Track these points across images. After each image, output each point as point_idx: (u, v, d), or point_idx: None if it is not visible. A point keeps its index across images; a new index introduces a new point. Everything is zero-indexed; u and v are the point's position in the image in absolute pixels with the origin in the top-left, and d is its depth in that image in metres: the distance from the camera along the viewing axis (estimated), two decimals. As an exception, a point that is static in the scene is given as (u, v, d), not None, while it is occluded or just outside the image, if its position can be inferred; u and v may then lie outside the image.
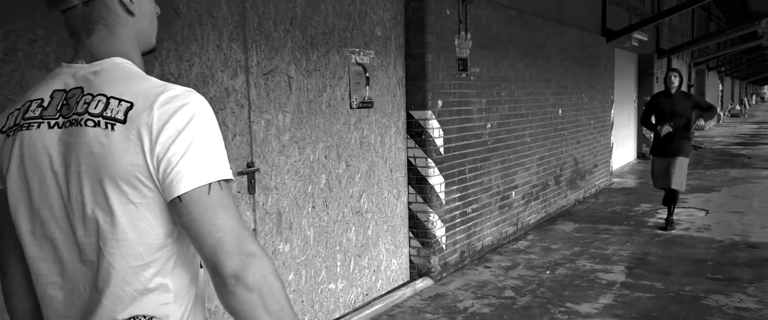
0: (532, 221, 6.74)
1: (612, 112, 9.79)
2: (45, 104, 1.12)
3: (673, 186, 6.21)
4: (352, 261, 4.29)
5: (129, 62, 1.13)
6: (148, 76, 1.12)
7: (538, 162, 6.85)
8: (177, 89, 1.07)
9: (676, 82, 6.27)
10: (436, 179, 4.82)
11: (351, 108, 4.18)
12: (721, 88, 30.24)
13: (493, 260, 5.49)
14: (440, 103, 4.83)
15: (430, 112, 4.72)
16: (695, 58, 17.67)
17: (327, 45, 3.95)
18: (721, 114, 13.53)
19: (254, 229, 3.45)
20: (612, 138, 9.88)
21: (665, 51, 13.42)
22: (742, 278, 4.74)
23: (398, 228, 4.80)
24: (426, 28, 4.65)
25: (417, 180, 4.83)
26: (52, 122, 1.09)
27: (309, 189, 3.85)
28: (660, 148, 6.33)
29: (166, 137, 1.02)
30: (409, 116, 4.80)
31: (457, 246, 5.22)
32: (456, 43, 5.02)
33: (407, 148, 4.84)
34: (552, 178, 7.28)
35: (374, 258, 4.52)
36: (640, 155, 13.25)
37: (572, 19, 7.79)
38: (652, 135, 6.36)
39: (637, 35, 10.82)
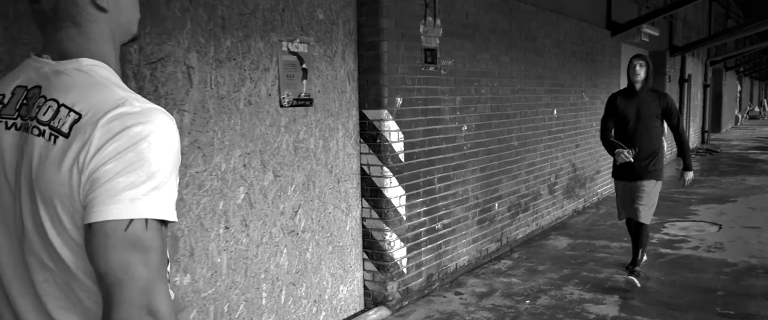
0: (520, 236, 5.97)
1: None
2: (5, 101, 1.03)
3: (640, 219, 4.57)
4: (284, 291, 3.56)
5: (99, 65, 1.01)
6: (115, 84, 0.99)
7: (528, 170, 6.07)
8: (137, 105, 0.93)
9: (642, 73, 4.47)
10: (394, 191, 4.07)
11: (281, 106, 3.45)
12: (739, 88, 29.12)
13: (467, 284, 4.73)
14: (399, 100, 4.08)
15: (385, 111, 3.97)
16: (712, 56, 16.70)
17: (246, 29, 3.22)
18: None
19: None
20: (617, 141, 9.04)
21: (679, 48, 12.54)
22: (758, 314, 3.94)
23: (348, 249, 4.06)
24: (381, 11, 3.91)
25: (371, 193, 4.08)
26: (10, 122, 1.00)
27: (219, 206, 3.12)
28: (621, 169, 4.65)
29: (103, 156, 0.89)
30: (362, 116, 4.05)
31: (423, 268, 4.47)
32: (421, 30, 4.27)
33: (360, 153, 4.10)
34: (545, 187, 6.49)
35: (315, 285, 3.79)
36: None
37: (571, 9, 6.99)
38: (626, 155, 4.47)
39: (647, 30, 9.98)
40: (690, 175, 4.66)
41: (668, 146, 12.33)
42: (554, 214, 6.78)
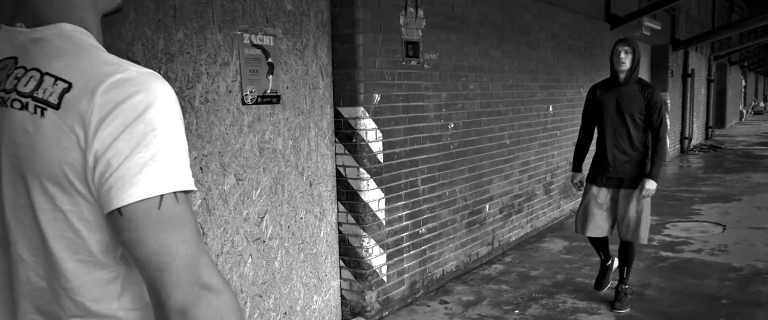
0: (513, 239, 5.68)
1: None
2: None
3: (638, 240, 3.90)
4: (249, 304, 3.29)
5: (81, 30, 0.91)
6: (101, 51, 0.90)
7: (522, 169, 5.78)
8: (133, 70, 0.85)
9: (627, 61, 3.78)
10: (371, 194, 3.80)
11: (244, 104, 3.17)
12: (743, 83, 28.72)
13: (454, 292, 4.45)
14: (377, 97, 3.80)
15: (361, 108, 3.69)
16: (715, 50, 16.35)
17: (202, 19, 2.95)
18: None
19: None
20: (617, 138, 8.73)
21: (681, 42, 12.21)
22: (766, 325, 3.66)
23: (323, 257, 3.79)
24: (356, 1, 3.62)
25: (348, 196, 3.81)
26: None
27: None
28: (601, 172, 3.96)
29: (109, 132, 0.81)
30: (337, 114, 3.78)
31: (405, 276, 4.19)
32: (402, 21, 3.99)
33: (335, 154, 3.82)
34: (541, 187, 6.21)
35: (285, 296, 3.51)
36: (653, 156, 12.05)
37: (568, 0, 6.69)
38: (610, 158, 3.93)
39: (648, 23, 9.68)
40: (652, 186, 3.76)
41: (671, 143, 12.01)
42: (550, 215, 6.49)
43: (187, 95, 2.89)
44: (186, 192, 0.87)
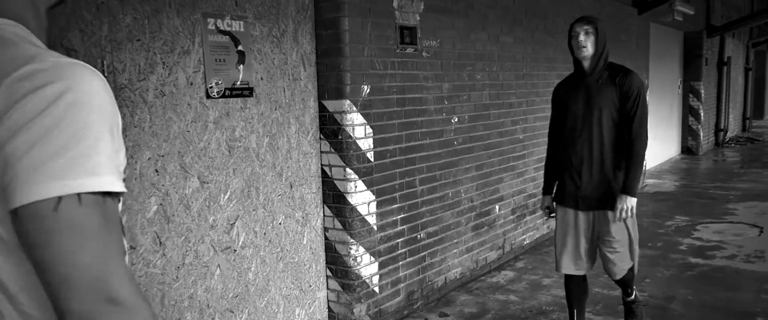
0: (527, 241, 5.26)
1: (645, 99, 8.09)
2: None
3: (615, 276, 3.16)
4: (217, 320, 2.96)
5: (11, 23, 0.85)
6: (28, 42, 0.82)
7: (539, 165, 5.34)
8: (51, 61, 0.77)
9: (588, 43, 2.92)
10: (360, 196, 3.43)
11: (208, 97, 2.82)
12: (784, 72, 27.42)
13: (456, 302, 4.06)
14: (366, 88, 3.41)
15: (348, 101, 3.32)
16: (754, 37, 15.47)
17: (156, 2, 2.60)
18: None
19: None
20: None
21: (717, 28, 11.50)
22: (810, 350, 3.19)
23: (306, 266, 3.44)
24: (341, -19, 3.24)
25: (334, 198, 3.45)
26: None
27: (122, 222, 2.51)
28: (572, 188, 3.07)
29: (11, 124, 0.74)
30: (322, 108, 3.41)
31: (401, 286, 3.81)
32: (396, 4, 3.59)
33: (320, 152, 3.46)
34: (558, 184, 5.74)
35: (260, 310, 3.18)
36: (685, 149, 11.42)
37: (590, -17, 6.19)
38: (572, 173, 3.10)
39: (680, 7, 9.05)
40: (629, 203, 2.91)
41: (678, 141, 11.30)
42: (569, 215, 6.02)
43: (138, 88, 2.55)
44: (100, 194, 0.76)
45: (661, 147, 10.17)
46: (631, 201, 2.92)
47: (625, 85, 2.92)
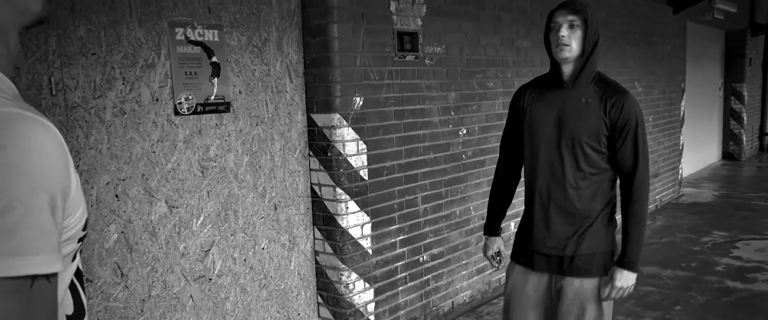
0: (547, 259, 4.88)
1: (682, 104, 7.60)
2: None
3: None
4: (190, 356, 2.72)
5: None
6: None
7: (560, 177, 4.95)
8: None
9: (573, 40, 2.02)
10: (352, 218, 3.14)
11: (177, 114, 2.58)
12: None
13: (463, 330, 3.74)
14: (359, 100, 3.13)
15: (337, 115, 3.04)
16: (804, 34, 14.58)
17: (114, 12, 2.37)
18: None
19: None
20: (681, 137, 7.69)
21: (762, 26, 10.80)
22: None
23: (294, 293, 3.17)
24: (329, -16, 2.97)
25: (324, 220, 3.17)
26: None
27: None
28: (530, 242, 2.23)
29: None
30: (311, 122, 3.14)
31: (401, 313, 3.51)
32: (393, 8, 3.29)
33: (310, 170, 3.19)
34: (583, 197, 5.35)
35: (241, 344, 2.93)
36: (727, 155, 10.78)
37: (618, -19, 5.77)
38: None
39: (721, 5, 8.48)
40: (627, 281, 2.08)
41: (718, 146, 10.65)
42: (595, 229, 5.61)
43: (94, 106, 2.32)
44: (25, 277, 0.65)
45: (700, 152, 9.60)
46: (631, 279, 2.08)
47: (616, 111, 2.02)
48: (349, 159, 3.09)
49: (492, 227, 2.47)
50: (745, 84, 10.48)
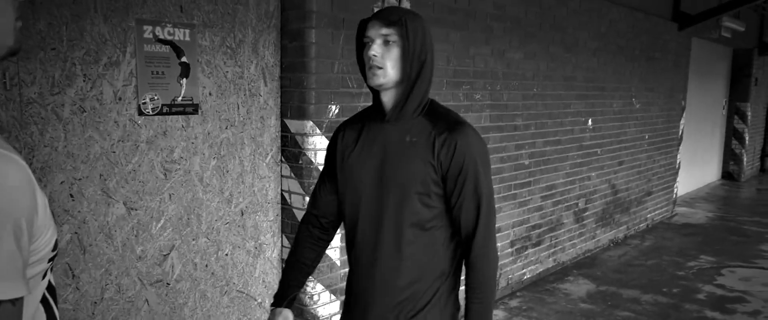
0: (528, 276, 4.82)
1: (681, 122, 7.49)
2: None
3: None
4: (142, 361, 2.66)
5: None
6: None
7: (545, 194, 4.89)
8: None
9: (389, 64, 1.47)
10: (321, 228, 3.07)
11: (141, 114, 2.52)
12: None
13: (432, 345, 3.66)
14: (335, 108, 3.06)
15: (310, 123, 2.97)
16: (814, 56, 14.40)
17: (77, 6, 2.30)
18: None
19: None
20: (679, 156, 7.59)
21: (770, 46, 10.67)
22: None
23: (257, 300, 3.11)
24: (309, -12, 2.89)
25: (292, 228, 3.11)
26: None
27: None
28: (349, 316, 1.67)
29: None
30: (284, 128, 3.07)
31: (368, 325, 3.45)
32: (377, 16, 3.20)
33: (281, 177, 3.12)
34: (570, 215, 5.28)
35: (197, 350, 2.87)
36: (726, 175, 10.66)
37: (621, -5, 5.67)
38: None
39: (728, 23, 8.36)
40: None
41: (718, 166, 10.53)
42: (582, 247, 5.55)
43: (51, 103, 2.26)
44: None
45: (698, 171, 9.48)
46: None
47: (447, 152, 1.48)
48: (319, 168, 3.02)
49: (281, 296, 1.72)
50: (749, 104, 10.35)
